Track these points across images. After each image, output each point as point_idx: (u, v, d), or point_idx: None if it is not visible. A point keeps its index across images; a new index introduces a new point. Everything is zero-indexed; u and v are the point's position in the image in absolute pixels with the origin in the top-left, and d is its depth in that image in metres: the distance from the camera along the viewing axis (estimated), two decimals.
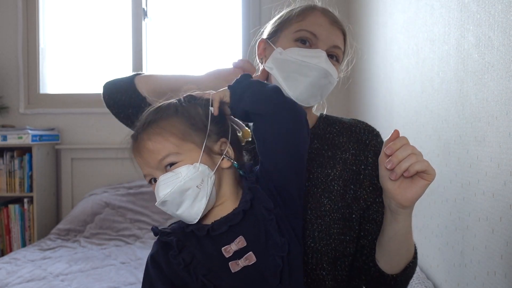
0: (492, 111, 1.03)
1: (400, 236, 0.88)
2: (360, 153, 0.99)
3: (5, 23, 3.04)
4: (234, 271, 0.74)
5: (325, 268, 0.91)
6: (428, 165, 0.80)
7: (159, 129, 0.77)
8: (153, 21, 3.17)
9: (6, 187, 2.80)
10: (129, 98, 1.00)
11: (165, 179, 0.75)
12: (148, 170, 0.77)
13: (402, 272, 0.92)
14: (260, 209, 0.77)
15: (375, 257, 0.95)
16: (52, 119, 3.05)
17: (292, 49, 0.94)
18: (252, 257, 0.74)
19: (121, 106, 1.02)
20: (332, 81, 0.96)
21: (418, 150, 0.82)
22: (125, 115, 1.03)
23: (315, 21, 0.95)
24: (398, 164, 0.79)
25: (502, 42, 0.98)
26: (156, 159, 0.76)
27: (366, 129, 1.02)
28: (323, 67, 0.92)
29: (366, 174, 0.98)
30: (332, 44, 0.96)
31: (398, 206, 0.83)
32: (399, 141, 0.82)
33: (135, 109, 1.00)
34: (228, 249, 0.75)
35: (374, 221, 0.96)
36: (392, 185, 0.82)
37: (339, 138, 1.00)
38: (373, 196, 0.97)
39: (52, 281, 1.90)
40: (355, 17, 2.66)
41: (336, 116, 1.06)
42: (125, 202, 2.76)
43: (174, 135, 0.76)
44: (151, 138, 0.76)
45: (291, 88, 0.93)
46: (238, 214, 0.76)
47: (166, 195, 0.73)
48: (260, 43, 1.03)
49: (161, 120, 0.78)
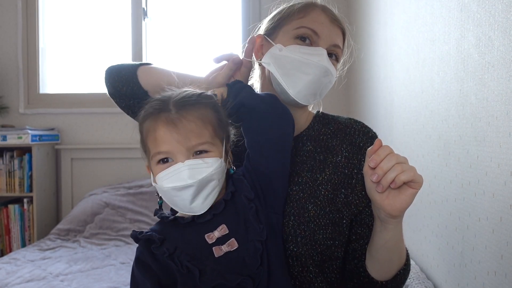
0: (492, 111, 1.03)
1: (390, 245, 0.87)
2: (353, 156, 0.96)
3: (5, 23, 3.04)
4: (217, 255, 0.77)
5: (311, 271, 0.90)
6: (414, 174, 0.77)
7: (200, 114, 0.78)
8: (153, 21, 3.17)
9: (6, 187, 2.80)
10: (131, 90, 0.99)
11: (194, 165, 0.75)
12: (172, 148, 0.76)
13: (392, 279, 0.91)
14: (241, 199, 0.80)
15: (365, 264, 0.93)
16: (52, 119, 3.05)
17: (292, 46, 0.92)
18: (234, 243, 0.77)
19: (122, 95, 1.00)
20: (332, 80, 0.94)
21: (403, 157, 0.79)
22: (126, 105, 1.01)
23: (316, 19, 0.94)
24: (384, 176, 0.77)
25: (503, 42, 0.98)
26: (194, 142, 0.76)
27: (361, 130, 0.99)
28: (325, 65, 0.90)
29: (359, 178, 0.94)
30: (333, 43, 0.94)
31: (387, 216, 0.82)
32: (383, 151, 0.79)
33: (137, 100, 0.99)
34: (211, 236, 0.78)
35: (366, 225, 0.94)
36: (379, 196, 0.80)
37: (332, 140, 0.98)
38: (365, 201, 0.94)
39: (52, 281, 1.90)
40: (355, 17, 2.66)
41: (333, 114, 1.04)
42: (125, 202, 2.76)
43: (210, 125, 0.78)
44: (194, 120, 0.76)
45: (290, 85, 0.91)
46: (220, 203, 0.80)
47: (195, 181, 0.74)
48: (257, 38, 0.99)
49: (201, 106, 0.79)
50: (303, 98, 0.92)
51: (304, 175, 0.94)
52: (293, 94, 0.91)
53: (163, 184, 0.77)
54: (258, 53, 0.98)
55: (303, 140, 0.98)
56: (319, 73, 0.90)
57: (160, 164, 0.77)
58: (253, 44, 0.99)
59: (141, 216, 2.70)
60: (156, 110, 0.78)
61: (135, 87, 0.99)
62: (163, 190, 0.78)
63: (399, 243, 0.88)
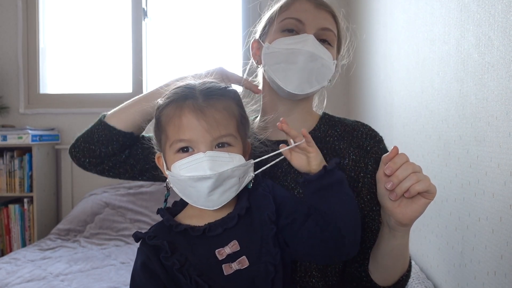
0: (492, 111, 1.03)
1: (397, 252, 0.86)
2: (360, 160, 0.94)
3: (5, 23, 3.04)
4: (227, 273, 0.73)
5: (314, 275, 0.89)
6: (429, 185, 0.76)
7: (227, 106, 0.75)
8: (153, 21, 3.17)
9: (6, 187, 2.80)
10: (117, 144, 0.97)
11: (218, 157, 0.72)
12: (197, 135, 0.73)
13: (394, 285, 0.90)
14: (260, 216, 0.77)
15: (368, 268, 0.92)
16: (52, 119, 3.05)
17: (277, 40, 0.92)
18: (245, 261, 0.74)
19: (110, 156, 0.98)
20: (326, 64, 0.92)
21: (418, 166, 0.78)
22: (123, 163, 0.99)
23: (299, 8, 0.93)
24: (399, 185, 0.76)
25: (502, 42, 0.98)
26: (222, 132, 0.73)
27: (368, 134, 0.97)
28: (309, 50, 0.88)
29: (365, 182, 0.93)
30: (320, 27, 0.92)
31: (397, 224, 0.81)
32: (399, 159, 0.77)
33: (128, 151, 0.99)
34: (221, 252, 0.74)
35: (369, 230, 0.93)
36: (391, 204, 0.79)
37: (339, 143, 0.96)
38: (370, 205, 0.93)
39: (52, 281, 1.90)
40: (355, 17, 2.66)
41: (339, 117, 1.03)
42: (125, 202, 2.76)
43: (235, 119, 0.76)
44: (221, 111, 0.74)
45: (281, 79, 0.90)
46: (233, 218, 0.76)
47: (215, 173, 0.71)
48: (253, 44, 1.00)
49: (227, 99, 0.77)
50: (297, 88, 0.91)
51: None
52: (286, 87, 0.90)
53: (180, 173, 0.73)
54: (256, 57, 1.00)
55: None
56: (305, 59, 0.89)
57: (180, 153, 0.74)
58: (252, 49, 1.01)
59: (141, 216, 2.70)
60: (182, 97, 0.75)
61: (120, 138, 0.97)
62: (178, 179, 0.74)
63: (405, 250, 0.87)
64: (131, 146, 0.99)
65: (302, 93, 0.92)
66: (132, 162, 0.99)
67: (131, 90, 3.06)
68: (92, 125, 0.99)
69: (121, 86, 3.13)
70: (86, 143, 0.98)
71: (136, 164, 0.99)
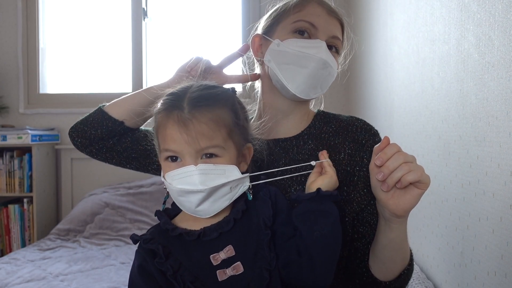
0: (492, 111, 1.03)
1: (394, 245, 0.86)
2: (355, 154, 0.94)
3: (5, 23, 3.04)
4: (221, 279, 0.73)
5: None
6: (421, 174, 0.75)
7: (214, 115, 0.74)
8: (153, 21, 3.17)
9: (6, 187, 2.80)
10: (106, 129, 0.99)
11: (207, 170, 0.72)
12: (180, 148, 0.73)
13: (396, 279, 0.90)
14: (257, 220, 0.77)
15: (368, 263, 0.92)
16: (52, 119, 3.05)
17: (290, 40, 0.91)
18: (240, 267, 0.73)
19: (98, 140, 1.00)
20: (332, 73, 0.93)
21: (411, 156, 0.77)
22: (108, 148, 1.01)
23: (313, 12, 0.93)
24: (390, 175, 0.75)
25: (503, 42, 0.98)
26: (203, 145, 0.72)
27: (363, 128, 0.97)
28: (322, 57, 0.89)
29: (361, 176, 0.93)
30: (331, 35, 0.93)
31: (392, 215, 0.81)
32: (390, 149, 0.77)
33: (116, 138, 1.01)
34: (216, 257, 0.74)
35: (368, 224, 0.93)
36: (385, 195, 0.79)
37: (335, 139, 0.96)
38: (367, 199, 0.93)
39: (52, 281, 1.90)
40: (355, 17, 2.66)
41: (334, 113, 1.03)
42: (125, 202, 2.76)
43: (225, 128, 0.75)
44: (206, 122, 0.73)
45: (289, 80, 0.90)
46: (229, 222, 0.76)
47: (206, 188, 0.71)
48: (255, 38, 0.99)
49: (217, 107, 0.75)
50: (302, 92, 0.91)
51: (307, 174, 0.93)
52: (292, 89, 0.90)
53: (172, 184, 0.74)
54: (258, 52, 0.99)
55: (305, 138, 0.97)
56: (317, 65, 0.89)
57: (169, 161, 0.75)
58: (253, 44, 0.99)
59: (141, 216, 2.70)
60: (170, 106, 0.75)
61: (109, 124, 0.99)
62: (171, 189, 0.75)
63: (403, 243, 0.87)
64: (121, 135, 1.01)
65: (306, 97, 0.93)
66: (119, 149, 1.01)
67: (131, 90, 3.06)
68: (92, 111, 1.04)
69: (121, 86, 3.13)
70: (81, 125, 1.02)
71: (123, 152, 1.01)
